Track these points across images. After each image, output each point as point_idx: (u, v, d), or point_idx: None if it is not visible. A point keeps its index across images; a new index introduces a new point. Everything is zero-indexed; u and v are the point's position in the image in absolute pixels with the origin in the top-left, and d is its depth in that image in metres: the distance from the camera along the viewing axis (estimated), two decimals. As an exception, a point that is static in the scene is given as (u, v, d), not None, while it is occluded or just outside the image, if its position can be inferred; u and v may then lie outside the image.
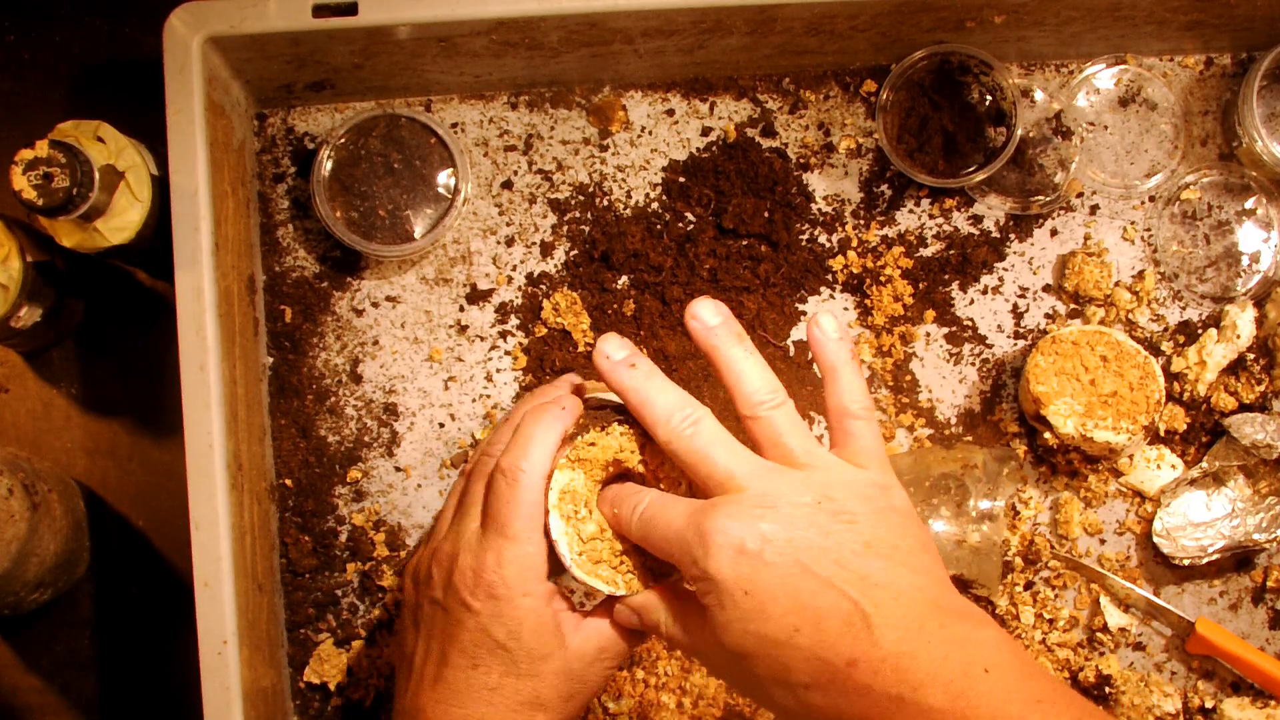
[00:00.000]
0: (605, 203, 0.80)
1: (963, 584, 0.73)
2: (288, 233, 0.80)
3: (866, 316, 0.80)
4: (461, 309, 0.80)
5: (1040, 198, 0.80)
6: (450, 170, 0.78)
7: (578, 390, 0.70)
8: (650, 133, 0.81)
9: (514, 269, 0.80)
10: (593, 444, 0.62)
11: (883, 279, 0.79)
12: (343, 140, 0.78)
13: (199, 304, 0.69)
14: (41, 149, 0.66)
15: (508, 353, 0.80)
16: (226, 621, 0.68)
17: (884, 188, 0.81)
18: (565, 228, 0.80)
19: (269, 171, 0.80)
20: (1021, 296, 0.80)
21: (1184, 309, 0.80)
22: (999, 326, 0.80)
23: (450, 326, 0.80)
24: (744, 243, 0.80)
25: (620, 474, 0.64)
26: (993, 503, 0.73)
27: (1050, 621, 0.78)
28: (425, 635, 0.64)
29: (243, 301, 0.75)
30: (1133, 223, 0.81)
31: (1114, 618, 0.78)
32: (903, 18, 0.75)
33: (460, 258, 0.80)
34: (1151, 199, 0.81)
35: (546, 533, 0.62)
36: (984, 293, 0.80)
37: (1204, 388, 0.79)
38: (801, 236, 0.80)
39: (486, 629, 0.61)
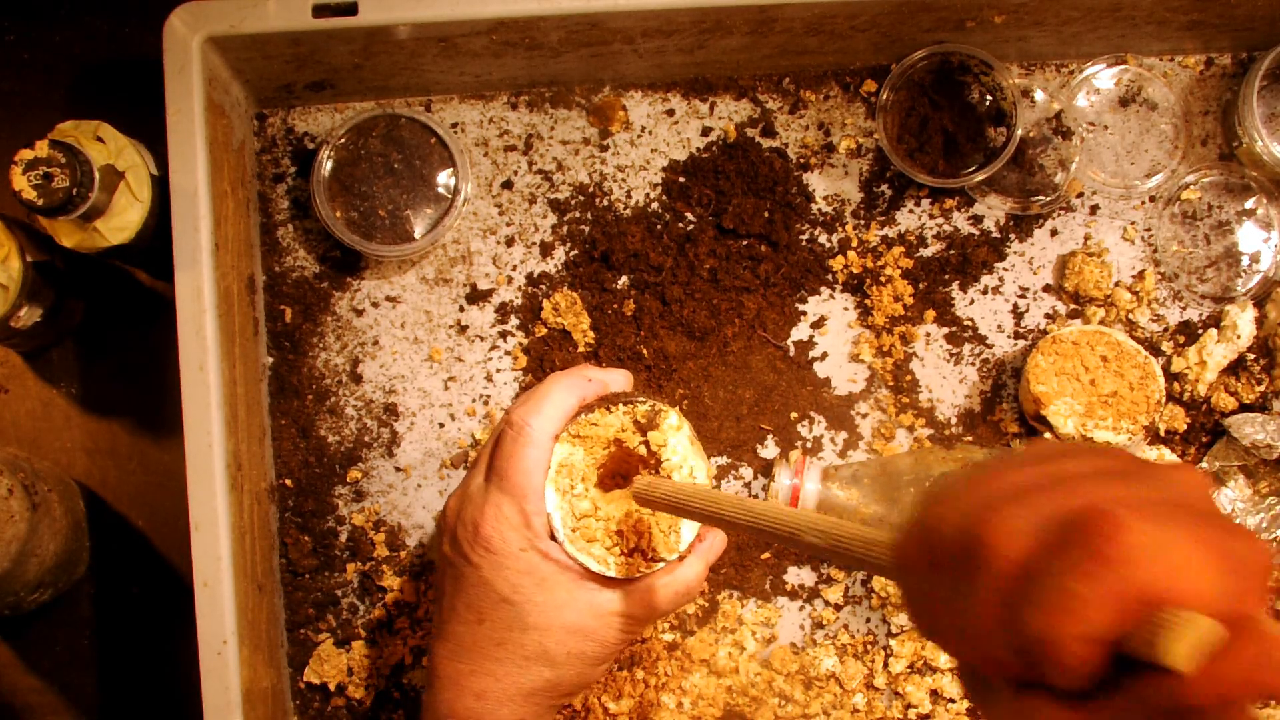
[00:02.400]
0: (605, 203, 0.80)
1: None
2: (288, 233, 0.80)
3: (866, 316, 0.80)
4: (461, 309, 0.80)
5: (1040, 198, 0.79)
6: (450, 170, 0.78)
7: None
8: (650, 133, 0.81)
9: (514, 269, 0.80)
10: (595, 423, 0.63)
11: (883, 279, 0.79)
12: (343, 140, 0.78)
13: (199, 304, 0.69)
14: (41, 149, 0.66)
15: (508, 353, 0.80)
16: (226, 621, 0.68)
17: (884, 188, 0.81)
18: (565, 228, 0.80)
19: (269, 171, 0.80)
20: (1021, 296, 0.80)
21: (1184, 309, 0.80)
22: (999, 326, 0.80)
23: (450, 326, 0.80)
24: (744, 243, 0.80)
25: (621, 456, 0.64)
26: (993, 503, 0.73)
27: (1050, 621, 0.78)
28: (439, 592, 0.64)
29: (243, 301, 0.75)
30: (1133, 223, 0.81)
31: (1114, 618, 0.78)
32: (903, 18, 0.75)
33: (460, 258, 0.80)
34: (1151, 199, 0.81)
35: None
36: (984, 293, 0.80)
37: (1204, 388, 0.78)
38: (801, 236, 0.80)
39: (489, 582, 0.61)
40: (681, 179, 0.80)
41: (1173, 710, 0.33)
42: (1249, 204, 0.80)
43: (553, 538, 0.61)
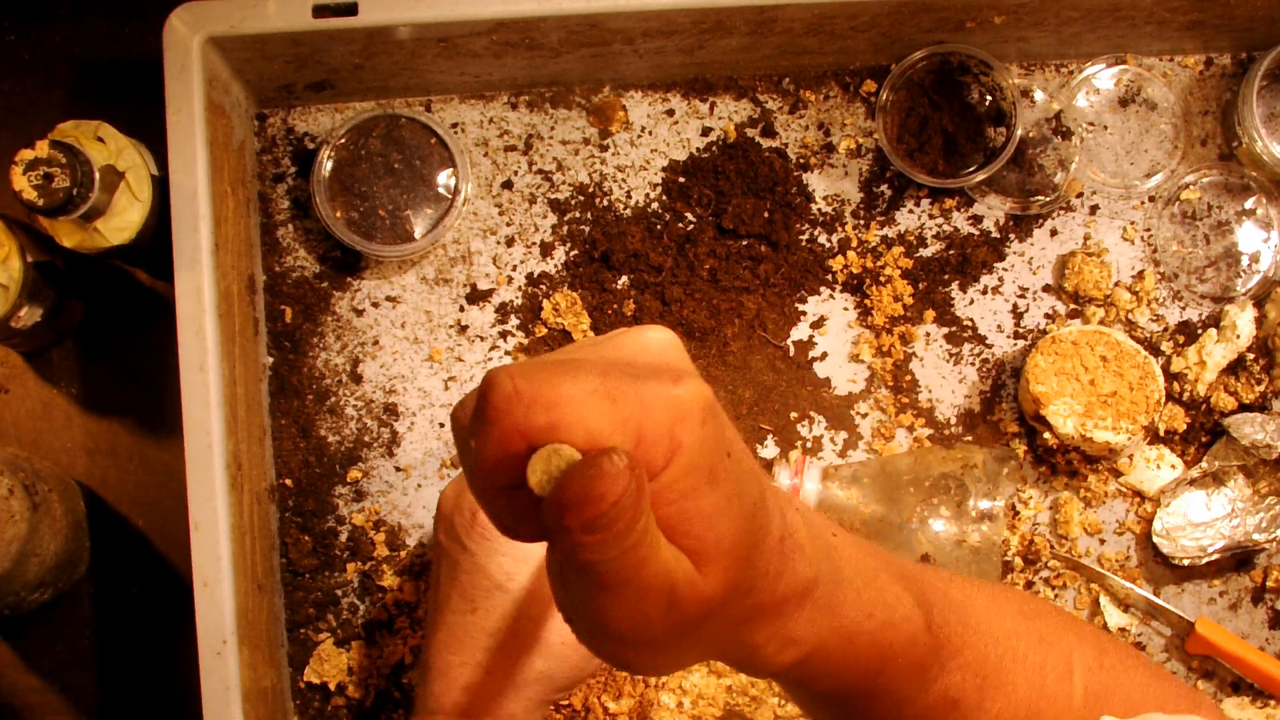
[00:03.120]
0: (605, 203, 0.80)
1: (963, 584, 0.73)
2: (288, 233, 0.80)
3: (866, 316, 0.80)
4: (461, 309, 0.80)
5: (1040, 198, 0.80)
6: (450, 170, 0.78)
7: None
8: (650, 133, 0.81)
9: (514, 269, 0.80)
10: None
11: (883, 279, 0.79)
12: (343, 140, 0.78)
13: (199, 304, 0.69)
14: (41, 149, 0.66)
15: (508, 353, 0.80)
16: (226, 621, 0.68)
17: (884, 188, 0.81)
18: (565, 228, 0.80)
19: (269, 171, 0.80)
20: (1021, 296, 0.80)
21: (1184, 309, 0.80)
22: (999, 326, 0.80)
23: (450, 326, 0.80)
24: (744, 243, 0.80)
25: None
26: (992, 503, 0.73)
27: (1050, 621, 0.78)
28: (433, 582, 0.64)
29: (243, 301, 0.75)
30: (1133, 223, 0.81)
31: (1114, 618, 0.78)
32: (903, 18, 0.75)
33: (460, 258, 0.80)
34: (1151, 199, 0.81)
35: None
36: (984, 293, 0.80)
37: (1204, 388, 0.79)
38: (801, 236, 0.80)
39: (484, 568, 0.60)
40: (681, 179, 0.80)
41: (551, 533, 0.35)
42: (1249, 204, 0.80)
43: None
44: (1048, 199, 0.79)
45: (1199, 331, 0.80)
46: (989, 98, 0.79)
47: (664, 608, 0.37)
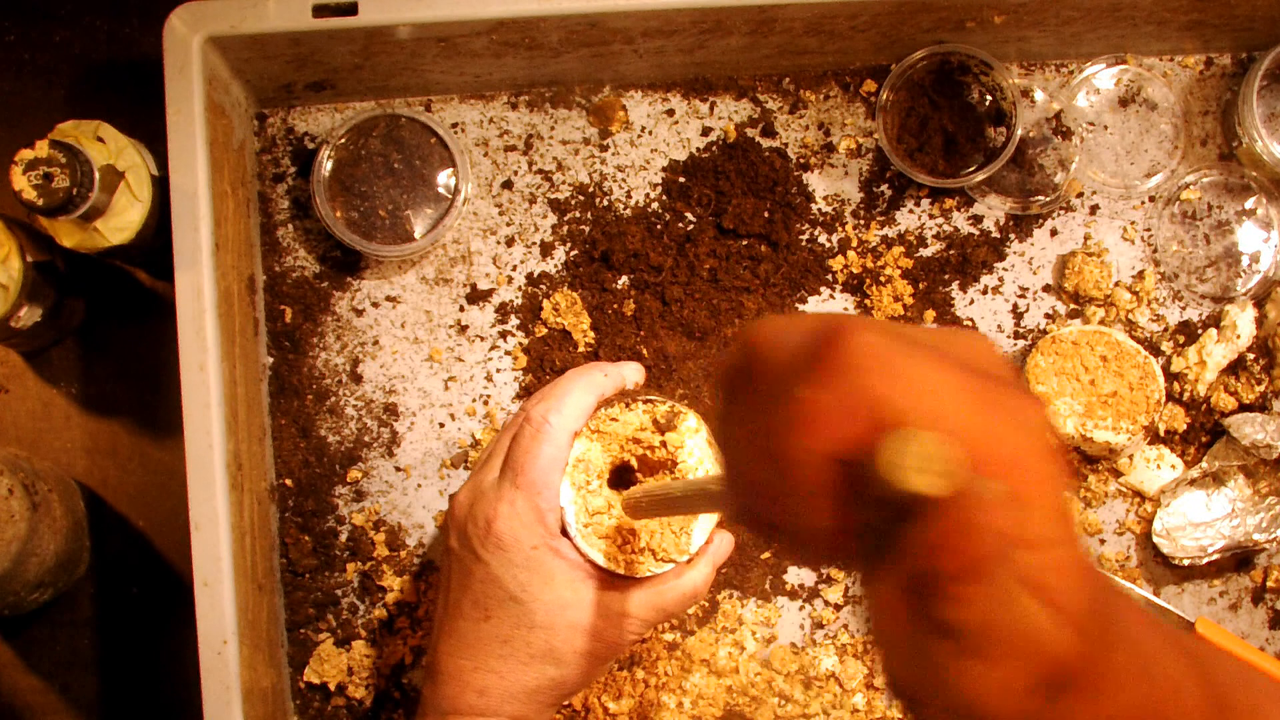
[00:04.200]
0: (605, 203, 0.80)
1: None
2: (288, 233, 0.80)
3: (866, 317, 0.80)
4: (461, 309, 0.80)
5: (1040, 198, 0.80)
6: (450, 170, 0.78)
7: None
8: (650, 133, 0.81)
9: (514, 269, 0.80)
10: (615, 418, 0.63)
11: (883, 279, 0.79)
12: (343, 140, 0.78)
13: (199, 304, 0.69)
14: (41, 149, 0.66)
15: (508, 353, 0.80)
16: (226, 621, 0.68)
17: (884, 188, 0.81)
18: (565, 228, 0.80)
19: (269, 171, 0.80)
20: (1021, 296, 0.80)
21: (1184, 309, 0.80)
22: (999, 326, 0.80)
23: (450, 326, 0.80)
24: (744, 243, 0.80)
25: (636, 454, 0.65)
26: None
27: (1050, 621, 0.78)
28: (444, 587, 0.64)
29: (243, 301, 0.75)
30: (1133, 223, 0.81)
31: (1114, 618, 0.78)
32: (903, 18, 0.75)
33: (460, 258, 0.80)
34: (1151, 199, 0.81)
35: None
36: (984, 293, 0.80)
37: (1204, 388, 0.79)
38: (801, 236, 0.80)
39: (498, 579, 0.60)
40: (681, 179, 0.80)
41: (913, 578, 0.28)
42: (1249, 204, 0.80)
43: (564, 533, 0.61)
44: (1048, 199, 0.79)
45: (1199, 331, 0.80)
46: (989, 98, 0.79)
47: (1032, 676, 0.30)
